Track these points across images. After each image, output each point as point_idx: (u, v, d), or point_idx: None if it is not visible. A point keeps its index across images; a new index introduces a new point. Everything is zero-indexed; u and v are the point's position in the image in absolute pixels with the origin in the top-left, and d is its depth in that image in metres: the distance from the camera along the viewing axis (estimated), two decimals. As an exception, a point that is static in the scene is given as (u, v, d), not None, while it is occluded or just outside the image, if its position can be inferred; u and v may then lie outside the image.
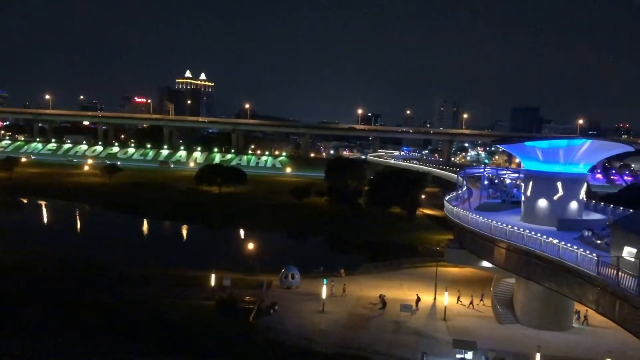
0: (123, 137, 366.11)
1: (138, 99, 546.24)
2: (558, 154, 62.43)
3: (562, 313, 60.56)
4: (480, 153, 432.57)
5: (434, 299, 68.64)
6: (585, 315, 61.03)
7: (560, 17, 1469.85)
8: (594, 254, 41.87)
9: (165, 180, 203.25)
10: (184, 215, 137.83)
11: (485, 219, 61.55)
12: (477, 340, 51.77)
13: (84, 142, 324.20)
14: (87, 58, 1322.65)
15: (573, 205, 63.28)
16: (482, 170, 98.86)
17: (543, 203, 63.68)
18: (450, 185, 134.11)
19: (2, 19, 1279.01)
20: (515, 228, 55.38)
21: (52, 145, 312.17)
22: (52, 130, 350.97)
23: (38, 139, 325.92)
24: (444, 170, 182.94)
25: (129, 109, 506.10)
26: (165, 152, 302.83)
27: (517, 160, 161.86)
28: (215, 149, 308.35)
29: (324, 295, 64.52)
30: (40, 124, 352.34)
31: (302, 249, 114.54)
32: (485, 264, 66.11)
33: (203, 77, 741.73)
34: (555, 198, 63.00)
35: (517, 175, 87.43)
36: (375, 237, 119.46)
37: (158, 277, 75.17)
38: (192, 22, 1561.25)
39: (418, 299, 66.37)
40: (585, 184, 67.08)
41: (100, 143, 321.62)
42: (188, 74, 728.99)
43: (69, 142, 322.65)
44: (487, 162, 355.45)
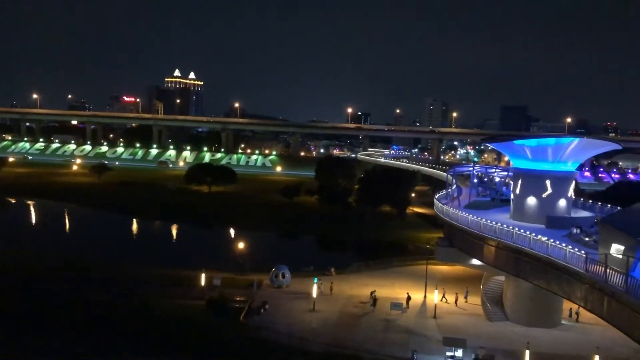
0: (112, 136, 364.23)
1: (127, 98, 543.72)
2: (547, 152, 62.83)
3: (551, 310, 61.00)
4: (470, 151, 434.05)
5: (424, 297, 68.90)
6: (577, 312, 61.49)
7: (549, 17, 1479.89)
8: (583, 252, 42.22)
9: (155, 180, 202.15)
10: (174, 215, 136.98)
11: (475, 217, 61.85)
12: (467, 338, 52.07)
13: (72, 141, 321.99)
14: (75, 57, 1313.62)
15: (562, 203, 63.72)
16: (471, 169, 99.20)
17: (532, 201, 64.07)
18: (440, 184, 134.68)
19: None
20: (505, 226, 55.72)
21: (40, 145, 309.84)
22: (40, 130, 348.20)
23: (25, 139, 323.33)
24: (434, 169, 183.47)
25: (118, 108, 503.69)
26: (155, 151, 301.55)
27: (506, 159, 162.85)
28: (205, 148, 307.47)
29: (315, 294, 64.55)
30: (28, 124, 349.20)
31: (292, 248, 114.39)
32: (475, 262, 66.40)
33: (192, 76, 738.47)
34: (544, 196, 63.39)
35: (506, 174, 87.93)
36: (366, 235, 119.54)
37: (147, 277, 74.81)
38: (181, 21, 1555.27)
39: (408, 298, 66.56)
40: (574, 182, 67.50)
41: (89, 142, 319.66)
42: (177, 73, 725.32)
43: (57, 141, 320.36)
44: (476, 160, 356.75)
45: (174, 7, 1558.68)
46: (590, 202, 77.86)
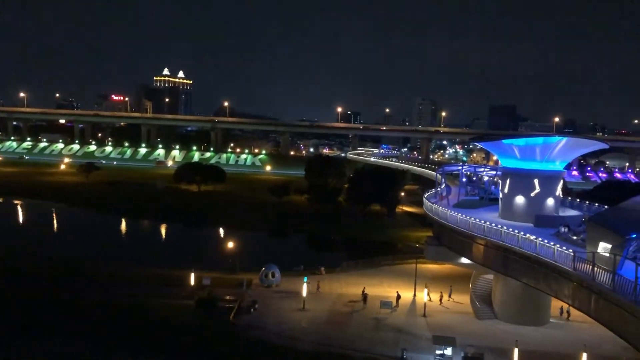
0: (100, 135, 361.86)
1: (115, 97, 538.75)
2: (535, 152, 63.22)
3: (539, 308, 61.41)
4: (459, 151, 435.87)
5: (414, 296, 69.14)
6: (568, 311, 61.88)
7: (537, 17, 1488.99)
8: (570, 250, 42.57)
9: (144, 179, 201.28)
10: (163, 214, 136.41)
11: (464, 216, 62.16)
12: (456, 336, 52.37)
13: (60, 140, 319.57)
14: (62, 56, 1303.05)
15: (550, 202, 64.14)
16: (460, 168, 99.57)
17: (520, 200, 64.43)
18: (429, 183, 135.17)
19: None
20: (493, 225, 56.05)
21: (27, 144, 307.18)
22: (27, 129, 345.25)
23: (13, 138, 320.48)
24: (423, 168, 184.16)
25: (106, 107, 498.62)
26: (144, 150, 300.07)
27: (494, 158, 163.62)
28: (194, 147, 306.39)
29: (305, 294, 64.57)
30: (15, 122, 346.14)
31: (282, 248, 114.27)
32: (464, 261, 66.74)
33: (181, 75, 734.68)
34: (532, 195, 63.79)
35: (494, 173, 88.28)
36: (355, 234, 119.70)
37: (136, 276, 74.39)
38: (169, 19, 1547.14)
39: (398, 296, 66.78)
40: (562, 181, 67.99)
41: (77, 142, 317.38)
42: (166, 72, 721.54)
43: (45, 140, 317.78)
44: (465, 159, 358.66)
45: (163, 5, 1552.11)
46: (578, 201, 78.40)
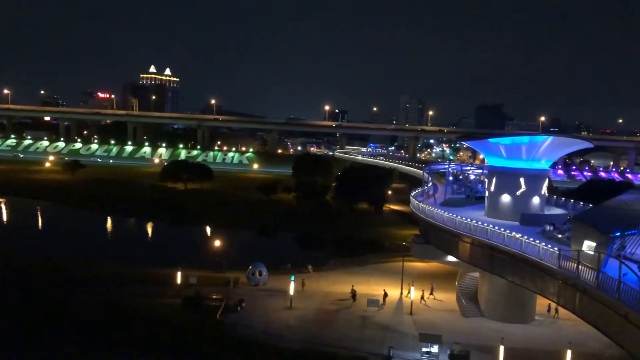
0: (86, 133, 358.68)
1: (101, 94, 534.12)
2: (521, 150, 63.64)
3: (525, 306, 61.87)
4: (445, 149, 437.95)
5: (401, 294, 69.37)
6: (557, 308, 62.31)
7: (523, 17, 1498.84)
8: (556, 248, 42.92)
9: (130, 177, 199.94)
10: (149, 213, 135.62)
11: (450, 214, 62.44)
12: (442, 334, 52.58)
13: (45, 138, 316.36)
14: (47, 52, 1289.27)
15: (535, 201, 64.59)
16: (447, 167, 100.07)
17: (506, 198, 64.82)
18: (416, 181, 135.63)
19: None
20: (480, 223, 56.35)
21: (11, 141, 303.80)
22: (11, 126, 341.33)
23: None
24: (410, 167, 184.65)
25: (92, 105, 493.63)
26: (130, 148, 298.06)
27: (481, 157, 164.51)
28: (181, 145, 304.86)
29: (292, 292, 64.54)
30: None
31: (269, 246, 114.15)
32: (451, 259, 67.11)
33: (168, 72, 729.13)
34: (518, 193, 64.19)
35: (481, 171, 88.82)
36: (343, 233, 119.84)
37: (123, 275, 73.97)
38: (156, 16, 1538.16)
39: (385, 294, 66.95)
40: (547, 180, 68.50)
41: (62, 139, 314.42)
42: (152, 69, 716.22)
43: (30, 138, 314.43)
44: (451, 158, 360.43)
45: (149, 2, 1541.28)
46: (563, 199, 79.09)
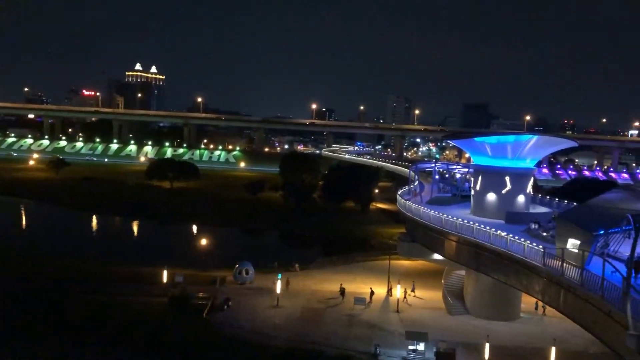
0: (70, 131, 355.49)
1: (86, 92, 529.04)
2: (506, 149, 64.09)
3: (510, 304, 62.37)
4: (432, 148, 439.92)
5: (387, 292, 69.59)
6: (544, 306, 62.77)
7: (509, 16, 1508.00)
8: (540, 246, 43.25)
9: (115, 175, 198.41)
10: (135, 211, 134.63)
11: (437, 213, 62.69)
12: (428, 332, 52.86)
13: (29, 136, 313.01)
14: (32, 49, 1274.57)
15: (520, 199, 65.10)
16: (433, 165, 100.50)
17: (492, 197, 65.27)
18: (403, 180, 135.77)
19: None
20: (465, 221, 56.65)
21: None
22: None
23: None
24: (397, 165, 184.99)
25: (77, 102, 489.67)
26: (115, 146, 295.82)
27: (467, 155, 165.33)
28: (167, 143, 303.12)
29: (279, 290, 64.49)
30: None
31: (256, 245, 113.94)
32: (437, 257, 67.33)
33: (154, 70, 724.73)
34: (504, 192, 64.67)
35: (467, 170, 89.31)
36: (330, 231, 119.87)
37: (108, 274, 73.47)
38: (142, 13, 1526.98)
39: (372, 292, 67.12)
40: (532, 178, 69.04)
41: (47, 137, 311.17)
42: (138, 67, 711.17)
43: (13, 136, 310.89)
44: (438, 157, 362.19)
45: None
46: (548, 198, 79.74)
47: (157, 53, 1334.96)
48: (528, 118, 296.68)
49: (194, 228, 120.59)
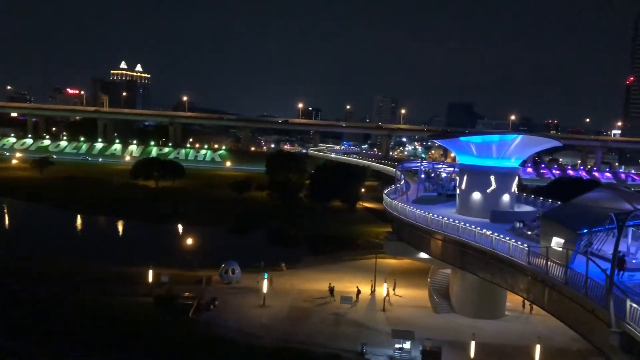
0: (54, 129, 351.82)
1: (70, 91, 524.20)
2: (491, 149, 64.43)
3: (495, 302, 62.83)
4: (418, 147, 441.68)
5: (373, 291, 69.80)
6: (531, 304, 63.23)
7: (494, 17, 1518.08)
8: (525, 245, 43.60)
9: (100, 175, 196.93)
10: (120, 211, 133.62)
11: (422, 212, 62.92)
12: (415, 330, 53.10)
13: (12, 134, 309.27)
14: (15, 47, 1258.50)
15: (505, 198, 65.52)
16: (419, 165, 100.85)
17: (477, 196, 65.60)
18: (389, 179, 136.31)
19: None
20: (451, 220, 56.95)
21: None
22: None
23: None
24: (383, 165, 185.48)
25: (61, 101, 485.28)
26: (100, 145, 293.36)
27: (452, 155, 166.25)
28: (152, 142, 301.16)
29: (265, 290, 64.40)
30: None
31: (242, 244, 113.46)
32: (423, 256, 67.64)
33: (139, 68, 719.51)
34: (489, 191, 65.01)
35: (452, 169, 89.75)
36: (316, 230, 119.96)
37: (93, 274, 72.93)
38: (127, 11, 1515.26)
39: (358, 291, 67.26)
40: (517, 178, 69.51)
41: (30, 136, 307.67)
42: (123, 65, 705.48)
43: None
44: (423, 156, 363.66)
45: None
46: (533, 197, 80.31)
47: (142, 52, 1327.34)
48: (513, 118, 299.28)
49: (180, 227, 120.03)
